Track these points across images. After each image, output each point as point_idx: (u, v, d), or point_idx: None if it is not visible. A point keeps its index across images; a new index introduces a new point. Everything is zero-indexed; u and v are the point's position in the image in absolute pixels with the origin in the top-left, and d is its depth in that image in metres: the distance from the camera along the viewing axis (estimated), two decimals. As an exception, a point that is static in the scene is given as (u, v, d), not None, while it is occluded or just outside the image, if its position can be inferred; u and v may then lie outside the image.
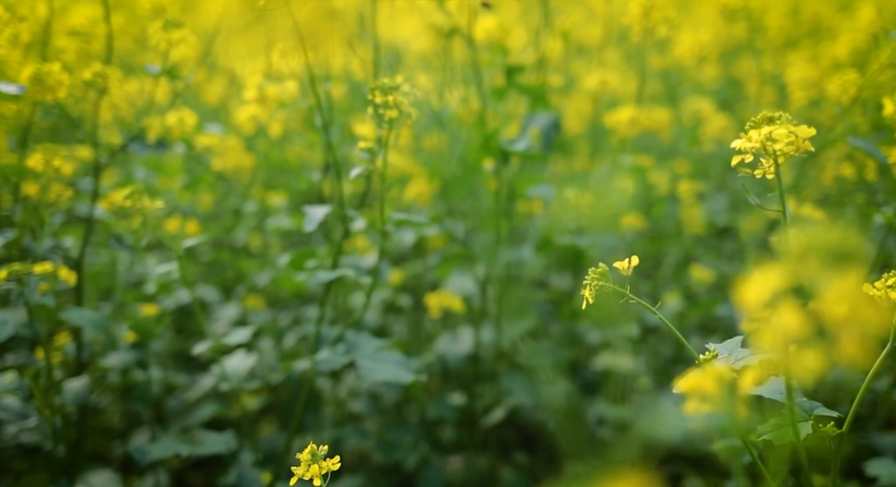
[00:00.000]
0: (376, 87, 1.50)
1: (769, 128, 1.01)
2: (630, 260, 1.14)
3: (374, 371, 1.68)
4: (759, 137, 1.01)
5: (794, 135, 1.00)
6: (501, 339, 2.26)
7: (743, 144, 1.03)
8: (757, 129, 1.02)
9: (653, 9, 2.12)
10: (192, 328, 2.82)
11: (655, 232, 2.66)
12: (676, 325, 2.59)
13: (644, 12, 2.12)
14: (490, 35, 2.25)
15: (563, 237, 2.41)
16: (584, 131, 3.34)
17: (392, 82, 1.49)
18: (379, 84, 1.49)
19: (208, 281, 2.90)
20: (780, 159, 1.02)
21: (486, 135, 1.89)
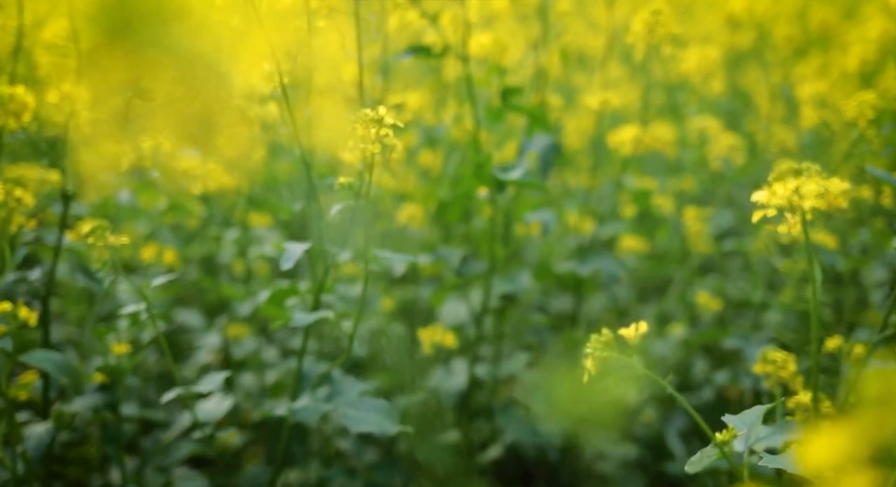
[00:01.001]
0: (357, 119, 1.37)
1: (796, 181, 0.88)
2: (638, 327, 1.01)
3: (357, 421, 1.56)
4: (784, 192, 0.88)
5: (825, 191, 0.88)
6: (498, 373, 2.14)
7: (767, 199, 0.91)
8: (782, 183, 0.89)
9: (657, 25, 2.00)
10: (180, 348, 2.70)
11: (659, 254, 2.54)
12: (682, 351, 2.47)
13: (648, 29, 1.99)
14: (485, 51, 2.13)
15: (562, 264, 2.28)
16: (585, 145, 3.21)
17: (375, 113, 1.37)
18: (360, 115, 1.37)
19: (192, 303, 2.78)
20: (808, 216, 0.90)
21: (479, 162, 1.76)
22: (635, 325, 1.04)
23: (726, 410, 2.44)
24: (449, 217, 2.24)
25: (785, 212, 0.93)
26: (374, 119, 1.37)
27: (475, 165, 1.77)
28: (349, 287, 2.26)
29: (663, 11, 1.99)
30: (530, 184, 1.80)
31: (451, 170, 2.56)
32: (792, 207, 0.90)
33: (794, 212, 0.91)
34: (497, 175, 1.75)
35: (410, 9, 1.89)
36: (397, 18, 1.92)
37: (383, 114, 1.37)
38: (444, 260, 2.10)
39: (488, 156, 1.76)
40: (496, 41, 2.12)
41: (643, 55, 2.08)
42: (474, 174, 1.78)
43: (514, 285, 2.05)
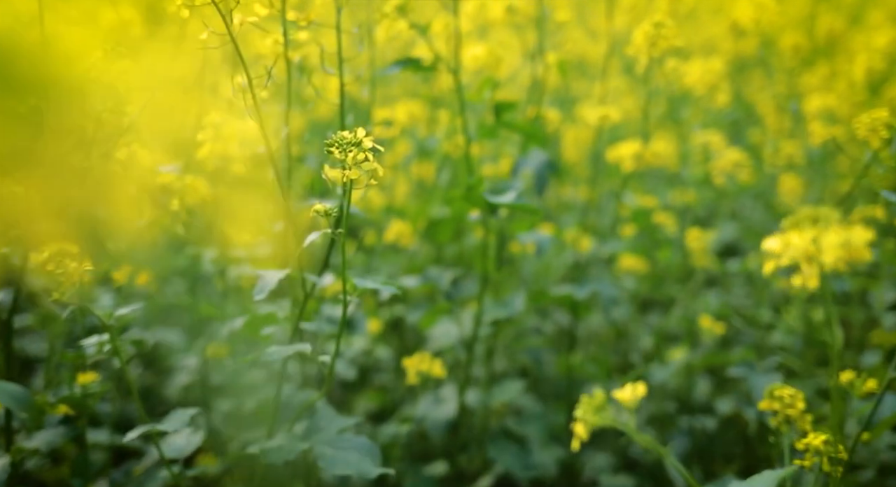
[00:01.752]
0: (333, 143, 1.27)
1: (814, 231, 0.78)
2: (635, 389, 0.91)
3: (335, 462, 1.45)
4: (801, 244, 0.78)
5: (847, 242, 0.77)
6: (490, 402, 2.03)
7: (780, 249, 0.80)
8: (798, 232, 0.79)
9: (659, 38, 1.89)
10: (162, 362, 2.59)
11: (660, 273, 2.43)
12: (683, 375, 2.36)
13: (650, 42, 1.89)
14: (479, 63, 2.02)
15: (558, 286, 2.18)
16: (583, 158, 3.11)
17: (353, 137, 1.26)
18: (336, 139, 1.26)
19: (175, 318, 2.67)
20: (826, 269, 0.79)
21: (470, 184, 1.66)
22: (632, 387, 0.94)
23: (730, 440, 2.35)
24: (440, 236, 2.13)
25: (801, 263, 0.82)
26: (351, 142, 1.27)
27: (466, 187, 1.66)
28: (335, 307, 2.15)
29: (666, 24, 1.89)
30: (524, 208, 1.69)
31: (443, 181, 2.46)
32: (809, 259, 0.80)
33: (812, 264, 0.81)
34: (489, 198, 1.65)
35: (399, 19, 1.79)
36: (385, 29, 1.82)
37: (362, 137, 1.27)
38: (434, 282, 1.99)
39: (479, 179, 1.65)
40: (490, 53, 2.02)
41: (645, 68, 1.98)
42: (465, 196, 1.68)
43: (507, 310, 1.95)
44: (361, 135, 1.27)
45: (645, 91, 2.03)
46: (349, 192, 1.30)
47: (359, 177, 1.27)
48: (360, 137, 1.27)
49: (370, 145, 1.27)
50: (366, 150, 1.27)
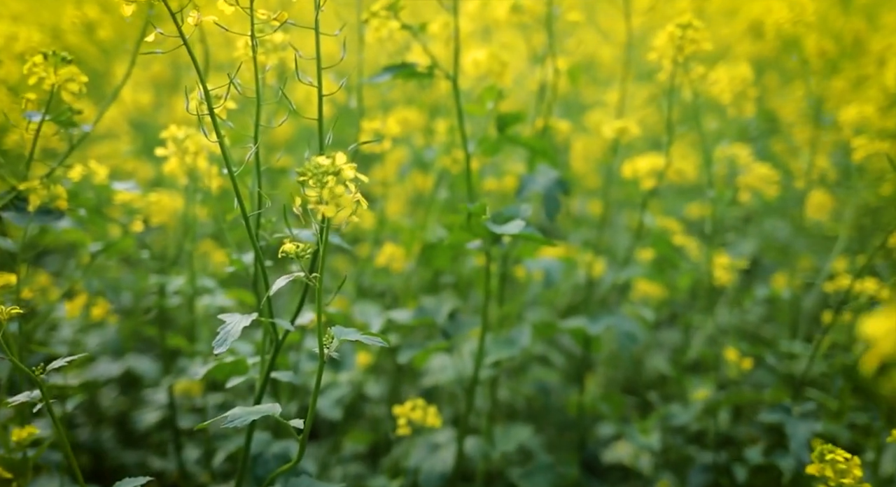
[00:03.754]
0: (307, 172, 1.03)
1: None
2: None
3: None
4: None
5: None
6: (492, 452, 1.80)
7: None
8: None
9: (686, 41, 1.66)
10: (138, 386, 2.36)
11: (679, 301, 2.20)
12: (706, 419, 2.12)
13: (675, 46, 1.65)
14: (480, 69, 1.79)
15: (569, 319, 1.95)
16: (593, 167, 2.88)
17: (331, 164, 1.03)
18: (310, 168, 1.03)
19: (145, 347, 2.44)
20: None
21: (471, 211, 1.43)
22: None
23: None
24: (437, 261, 1.90)
25: None
26: (329, 171, 1.03)
27: (467, 215, 1.43)
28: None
29: (694, 25, 1.65)
30: (532, 238, 1.46)
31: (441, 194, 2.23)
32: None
33: None
34: (492, 228, 1.42)
35: (390, 19, 1.55)
36: (375, 30, 1.58)
37: (341, 165, 1.04)
38: (430, 316, 1.76)
39: (482, 206, 1.42)
40: (493, 57, 1.79)
41: (668, 74, 1.75)
42: (465, 225, 1.45)
43: (510, 348, 1.72)
44: (342, 163, 1.04)
45: (667, 101, 1.79)
46: (325, 232, 1.07)
47: (337, 213, 1.04)
48: (340, 165, 1.04)
49: (352, 174, 1.04)
50: (346, 181, 1.03)
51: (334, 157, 1.04)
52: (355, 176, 1.04)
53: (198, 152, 1.59)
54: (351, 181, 1.04)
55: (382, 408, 2.29)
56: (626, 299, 2.34)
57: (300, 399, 2.05)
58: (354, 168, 1.05)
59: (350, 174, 1.03)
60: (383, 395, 2.28)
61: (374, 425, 2.29)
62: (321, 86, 1.26)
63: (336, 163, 1.03)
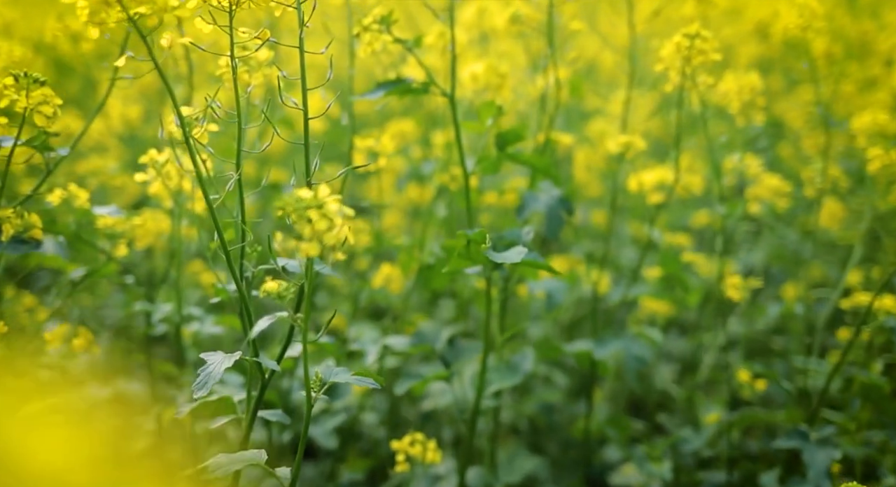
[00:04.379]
0: (286, 206, 0.95)
1: None
2: None
3: None
4: None
5: None
6: (495, 484, 1.72)
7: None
8: None
9: (694, 52, 1.57)
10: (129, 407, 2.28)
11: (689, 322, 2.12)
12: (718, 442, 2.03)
13: (683, 57, 1.57)
14: (479, 83, 1.71)
15: (574, 342, 1.87)
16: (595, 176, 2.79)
17: (313, 199, 0.95)
18: (292, 202, 0.95)
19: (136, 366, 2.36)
20: None
21: (470, 238, 1.34)
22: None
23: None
24: (435, 283, 1.82)
25: None
26: (311, 205, 0.95)
27: (466, 242, 1.35)
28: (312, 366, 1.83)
29: (702, 35, 1.57)
30: (535, 265, 1.38)
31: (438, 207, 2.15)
32: None
33: None
34: (492, 257, 1.33)
35: (383, 33, 1.47)
36: (367, 45, 1.50)
37: (324, 199, 0.95)
38: (429, 343, 1.68)
39: (482, 233, 1.33)
40: (492, 70, 1.71)
41: (675, 85, 1.66)
42: (464, 253, 1.36)
43: (513, 376, 1.64)
44: (325, 196, 0.96)
45: (674, 113, 1.71)
46: (310, 270, 0.99)
47: (321, 252, 0.96)
48: (323, 199, 0.95)
49: (336, 208, 0.95)
50: (331, 216, 0.95)
51: (317, 190, 0.96)
52: (340, 209, 0.95)
53: (181, 175, 1.51)
54: (336, 214, 0.96)
55: (381, 431, 2.21)
56: (633, 314, 2.25)
57: (294, 424, 1.97)
58: (339, 200, 0.96)
59: (334, 208, 0.95)
60: (382, 415, 2.20)
61: (372, 446, 2.21)
62: (307, 111, 1.17)
63: (319, 196, 0.95)
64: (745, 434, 2.27)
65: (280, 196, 2.58)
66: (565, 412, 2.31)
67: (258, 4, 1.18)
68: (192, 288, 2.39)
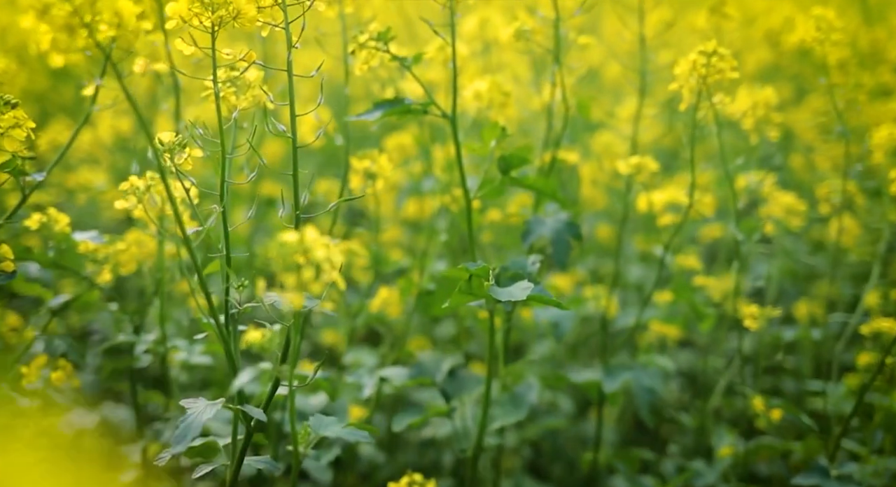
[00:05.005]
0: (274, 251, 0.86)
1: None
2: None
3: None
4: None
5: None
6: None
7: None
8: None
9: (711, 70, 1.49)
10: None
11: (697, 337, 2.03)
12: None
13: (699, 76, 1.48)
14: (482, 101, 1.62)
15: (581, 371, 1.78)
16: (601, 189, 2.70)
17: (299, 243, 0.86)
18: (276, 248, 0.86)
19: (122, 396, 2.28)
20: None
21: (473, 272, 1.25)
22: None
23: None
24: (435, 309, 1.73)
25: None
26: (298, 250, 0.86)
27: (468, 277, 1.26)
28: (308, 397, 1.75)
29: (719, 52, 1.48)
30: (542, 300, 1.29)
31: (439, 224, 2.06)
32: None
33: None
34: (497, 295, 1.24)
35: (379, 51, 1.38)
36: (363, 62, 1.41)
37: (312, 244, 0.86)
38: (428, 376, 1.59)
39: (484, 269, 1.25)
40: (495, 87, 1.62)
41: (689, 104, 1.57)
42: (466, 288, 1.28)
43: (518, 411, 1.55)
44: (312, 241, 0.87)
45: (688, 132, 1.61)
46: (296, 323, 0.90)
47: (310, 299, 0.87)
48: (311, 243, 0.86)
49: (325, 255, 0.86)
50: (319, 264, 0.86)
51: (303, 234, 0.87)
52: (329, 255, 0.87)
53: (165, 201, 1.42)
54: (325, 261, 0.87)
55: (380, 455, 2.12)
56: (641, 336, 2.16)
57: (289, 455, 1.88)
58: (327, 244, 0.87)
59: (321, 255, 0.86)
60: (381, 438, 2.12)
61: (370, 470, 2.12)
62: (295, 141, 1.08)
63: (305, 241, 0.86)
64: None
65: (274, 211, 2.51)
66: (570, 432, 2.22)
67: (244, 25, 1.09)
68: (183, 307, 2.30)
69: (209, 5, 1.07)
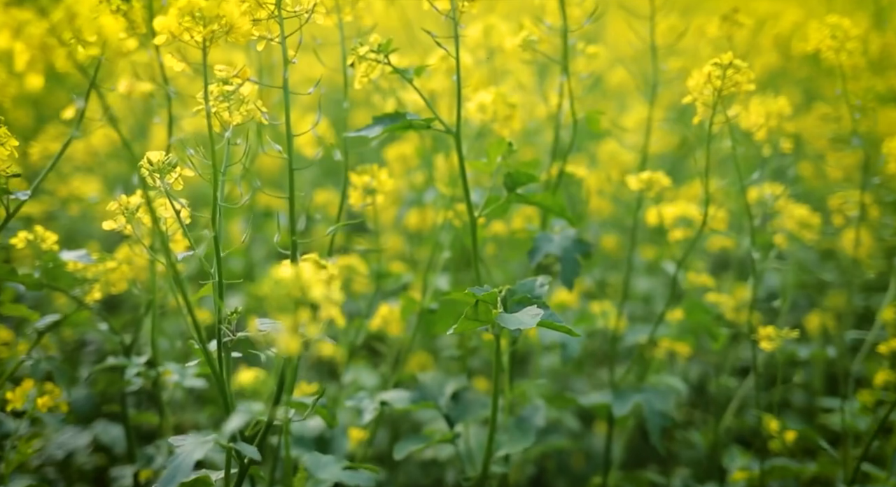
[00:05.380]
0: (265, 289, 0.80)
1: None
2: None
3: None
4: None
5: None
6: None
7: None
8: None
9: (728, 82, 1.42)
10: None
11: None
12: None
13: (714, 89, 1.42)
14: (487, 114, 1.55)
15: (590, 394, 1.72)
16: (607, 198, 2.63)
17: (295, 281, 0.80)
18: (270, 285, 0.79)
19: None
20: None
21: (480, 298, 1.19)
22: None
23: None
24: (437, 328, 1.67)
25: None
26: (293, 289, 0.80)
27: (474, 303, 1.20)
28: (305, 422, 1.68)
29: (735, 64, 1.42)
30: (553, 327, 1.22)
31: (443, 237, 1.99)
32: None
33: None
34: (506, 324, 1.18)
35: (380, 63, 1.32)
36: (363, 75, 1.35)
37: (309, 282, 0.80)
38: (431, 399, 1.53)
39: (492, 295, 1.18)
40: (500, 99, 1.55)
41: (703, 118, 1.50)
42: (472, 315, 1.21)
43: (525, 438, 1.48)
44: (309, 278, 0.80)
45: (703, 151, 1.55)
46: (290, 367, 0.83)
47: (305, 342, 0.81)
48: (308, 282, 0.80)
49: (323, 294, 0.80)
50: (317, 303, 0.80)
51: (300, 270, 0.80)
52: (328, 294, 0.80)
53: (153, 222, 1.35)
54: (323, 300, 0.80)
55: (381, 473, 2.06)
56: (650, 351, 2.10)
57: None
58: (324, 281, 0.81)
59: (319, 293, 0.80)
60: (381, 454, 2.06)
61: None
62: (291, 162, 1.02)
63: (302, 279, 0.80)
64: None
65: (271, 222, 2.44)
66: (576, 446, 2.16)
67: (237, 40, 1.03)
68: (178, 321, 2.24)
69: (200, 19, 1.01)
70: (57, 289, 1.53)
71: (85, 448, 2.03)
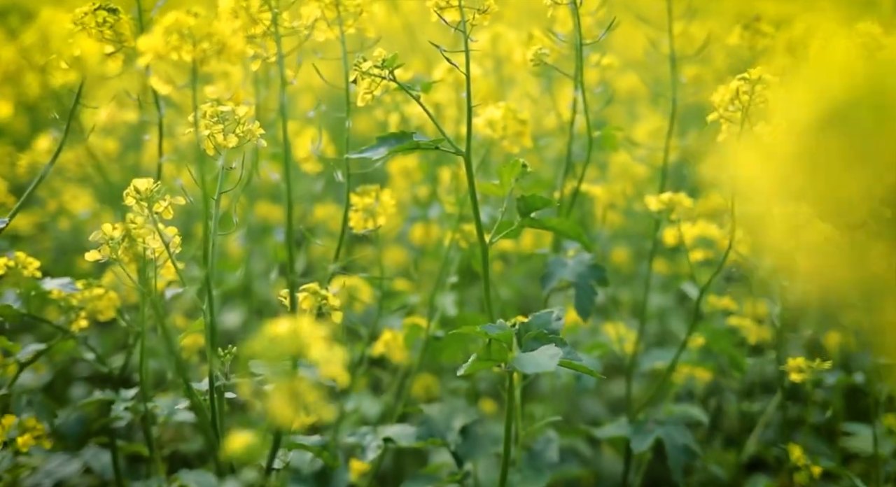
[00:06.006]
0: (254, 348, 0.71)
1: None
2: None
3: None
4: None
5: None
6: None
7: None
8: None
9: (755, 98, 1.33)
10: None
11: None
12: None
13: (740, 107, 1.33)
14: (495, 131, 1.46)
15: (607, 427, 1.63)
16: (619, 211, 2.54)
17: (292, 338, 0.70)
18: (262, 345, 0.70)
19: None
20: None
21: (492, 338, 1.10)
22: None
23: None
24: (444, 355, 1.58)
25: None
26: (290, 349, 0.70)
27: (486, 342, 1.10)
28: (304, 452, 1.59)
29: (764, 79, 1.33)
30: (573, 367, 1.13)
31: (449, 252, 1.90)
32: None
33: None
34: (520, 366, 1.09)
35: (384, 79, 1.23)
36: (365, 91, 1.26)
37: (308, 340, 0.71)
38: (438, 436, 1.44)
39: (508, 334, 1.09)
40: (511, 114, 1.46)
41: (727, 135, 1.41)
42: (485, 354, 1.12)
43: (538, 478, 1.39)
44: (308, 335, 0.71)
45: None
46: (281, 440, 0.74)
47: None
48: (307, 340, 0.71)
49: (325, 354, 0.71)
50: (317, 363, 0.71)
51: (297, 325, 0.71)
52: (330, 355, 0.71)
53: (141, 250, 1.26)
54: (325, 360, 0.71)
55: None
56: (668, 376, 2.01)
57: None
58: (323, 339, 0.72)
59: (318, 353, 0.70)
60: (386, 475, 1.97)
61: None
62: (290, 191, 0.93)
63: (299, 337, 0.70)
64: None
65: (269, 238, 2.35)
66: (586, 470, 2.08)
67: (229, 59, 0.94)
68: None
69: (189, 37, 0.92)
70: (39, 320, 1.44)
71: (74, 476, 1.94)
